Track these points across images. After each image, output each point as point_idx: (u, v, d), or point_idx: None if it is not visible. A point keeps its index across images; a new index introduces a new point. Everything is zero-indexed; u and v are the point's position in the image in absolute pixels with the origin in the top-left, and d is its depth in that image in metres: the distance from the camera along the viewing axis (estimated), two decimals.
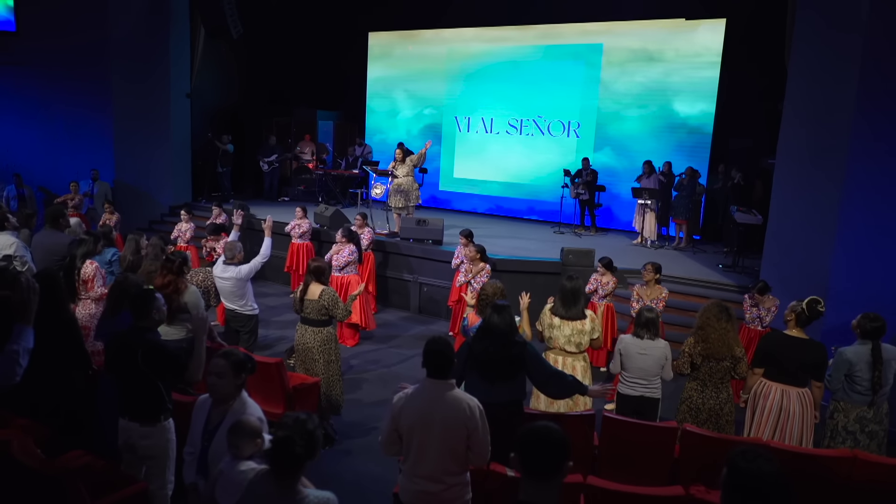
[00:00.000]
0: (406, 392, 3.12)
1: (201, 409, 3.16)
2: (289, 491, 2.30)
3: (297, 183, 14.63)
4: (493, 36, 13.61)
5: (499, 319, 3.75)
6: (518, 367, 3.74)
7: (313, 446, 2.34)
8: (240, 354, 3.09)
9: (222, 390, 3.01)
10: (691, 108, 11.81)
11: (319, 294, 5.39)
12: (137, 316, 3.59)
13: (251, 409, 3.05)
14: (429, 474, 3.00)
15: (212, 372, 3.02)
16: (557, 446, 2.04)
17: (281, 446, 2.26)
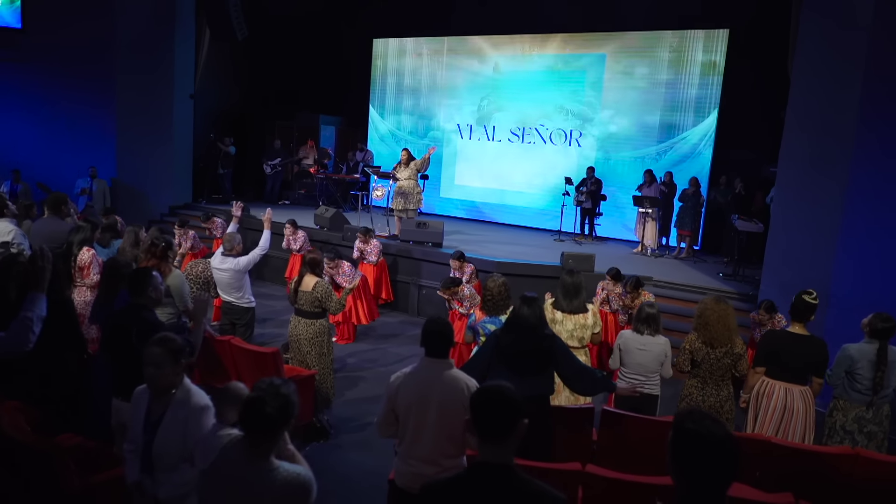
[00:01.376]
0: (403, 371, 3.08)
1: (140, 401, 2.92)
2: (260, 459, 2.17)
3: (299, 187, 14.64)
4: (497, 44, 13.68)
5: (528, 312, 3.69)
6: (548, 361, 3.68)
7: (287, 410, 2.18)
8: (176, 340, 2.88)
9: (162, 381, 2.80)
10: (693, 118, 11.84)
11: (313, 286, 5.35)
12: (133, 293, 3.56)
13: (197, 396, 2.86)
14: (425, 456, 2.95)
15: (147, 362, 2.79)
16: (509, 406, 1.99)
17: (250, 407, 2.14)
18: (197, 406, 2.81)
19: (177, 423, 2.79)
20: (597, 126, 12.80)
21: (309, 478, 2.24)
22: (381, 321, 8.94)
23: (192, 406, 2.81)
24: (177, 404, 2.81)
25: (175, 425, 2.78)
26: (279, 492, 2.15)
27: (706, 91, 11.67)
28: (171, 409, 2.81)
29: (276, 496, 2.13)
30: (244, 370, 5.12)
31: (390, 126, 15.28)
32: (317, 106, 15.23)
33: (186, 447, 2.76)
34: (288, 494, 2.15)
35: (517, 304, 3.82)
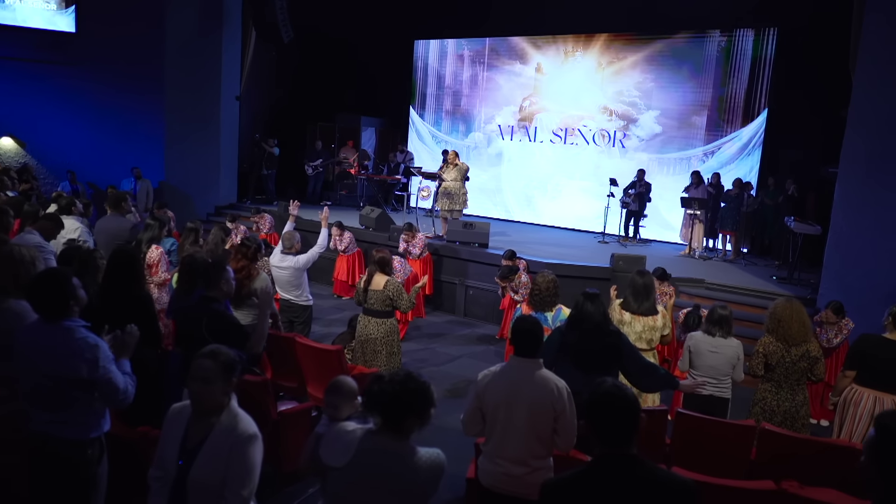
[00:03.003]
0: (492, 370, 3.05)
1: (176, 421, 2.49)
2: (403, 447, 2.24)
3: (340, 188, 14.76)
4: (540, 45, 13.62)
5: (592, 308, 3.66)
6: (613, 358, 3.64)
7: (426, 400, 2.29)
8: (229, 353, 2.48)
9: (209, 399, 2.38)
10: (741, 119, 11.62)
11: (384, 284, 5.37)
12: (206, 285, 3.60)
13: (245, 422, 2.43)
14: (513, 456, 2.92)
15: (195, 377, 2.39)
16: (631, 409, 1.99)
17: (395, 399, 2.21)
18: (244, 434, 2.39)
19: (220, 451, 2.36)
20: (641, 127, 12.65)
21: (443, 456, 2.33)
22: (427, 321, 8.97)
23: (238, 433, 2.38)
24: (221, 430, 2.39)
25: (217, 454, 2.36)
26: (426, 473, 2.23)
27: (755, 91, 11.45)
28: (215, 434, 2.39)
29: (425, 478, 2.22)
30: (309, 368, 5.16)
31: (431, 127, 15.30)
32: (358, 107, 15.34)
33: (227, 482, 2.35)
34: (433, 475, 2.25)
35: (580, 300, 3.79)
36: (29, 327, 2.94)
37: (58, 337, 2.83)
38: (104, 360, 2.86)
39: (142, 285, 4.26)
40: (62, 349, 2.82)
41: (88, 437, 2.93)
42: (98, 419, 2.97)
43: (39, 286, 2.87)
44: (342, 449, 2.30)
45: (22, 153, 12.77)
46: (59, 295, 2.85)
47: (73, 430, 2.89)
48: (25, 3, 12.12)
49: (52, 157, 12.63)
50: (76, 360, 2.81)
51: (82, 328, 2.90)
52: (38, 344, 2.85)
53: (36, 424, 2.92)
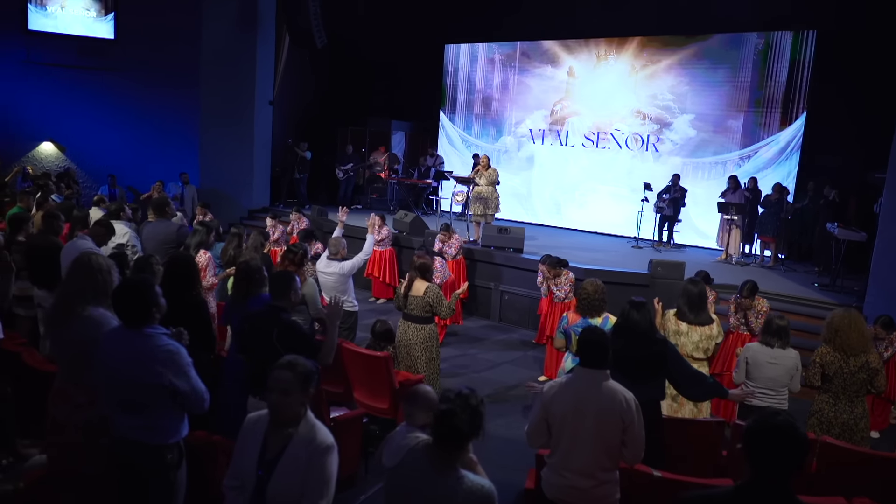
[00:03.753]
0: (558, 381, 3.03)
1: (253, 431, 2.52)
2: (446, 468, 2.20)
3: (370, 191, 14.82)
4: (572, 48, 13.55)
5: (638, 316, 3.63)
6: (660, 367, 3.61)
7: (477, 422, 2.24)
8: (306, 364, 2.51)
9: (287, 410, 2.42)
10: (779, 123, 11.44)
11: (424, 291, 5.37)
12: (276, 295, 3.63)
13: (322, 433, 2.46)
14: (580, 469, 2.89)
15: (274, 388, 2.41)
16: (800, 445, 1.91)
17: (443, 419, 2.17)
18: (322, 445, 2.42)
19: (298, 462, 2.40)
20: (675, 131, 12.52)
21: (492, 490, 2.24)
22: (463, 326, 8.95)
23: (316, 445, 2.42)
24: (299, 441, 2.41)
25: (296, 465, 2.40)
26: (462, 502, 2.15)
27: (793, 94, 11.27)
28: (293, 445, 2.42)
29: (457, 496, 2.16)
30: (355, 373, 5.17)
31: (461, 131, 15.31)
32: (388, 111, 15.39)
33: (305, 493, 2.39)
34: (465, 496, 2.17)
35: (626, 308, 3.76)
36: (111, 334, 2.99)
37: (140, 343, 2.88)
38: (185, 367, 2.91)
39: (198, 291, 4.31)
40: (144, 355, 2.86)
41: (168, 442, 2.97)
42: (177, 424, 3.01)
43: (123, 294, 2.91)
44: (394, 451, 2.32)
45: (62, 158, 13.03)
46: (142, 302, 2.90)
47: (153, 436, 2.93)
48: (67, 11, 12.37)
49: (90, 161, 12.87)
50: (157, 367, 2.85)
51: (163, 335, 2.94)
52: (120, 350, 2.90)
53: (118, 430, 2.97)
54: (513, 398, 6.45)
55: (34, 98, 12.43)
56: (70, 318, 3.43)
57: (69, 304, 3.43)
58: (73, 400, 3.30)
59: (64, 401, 3.34)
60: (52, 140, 12.90)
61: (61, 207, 7.08)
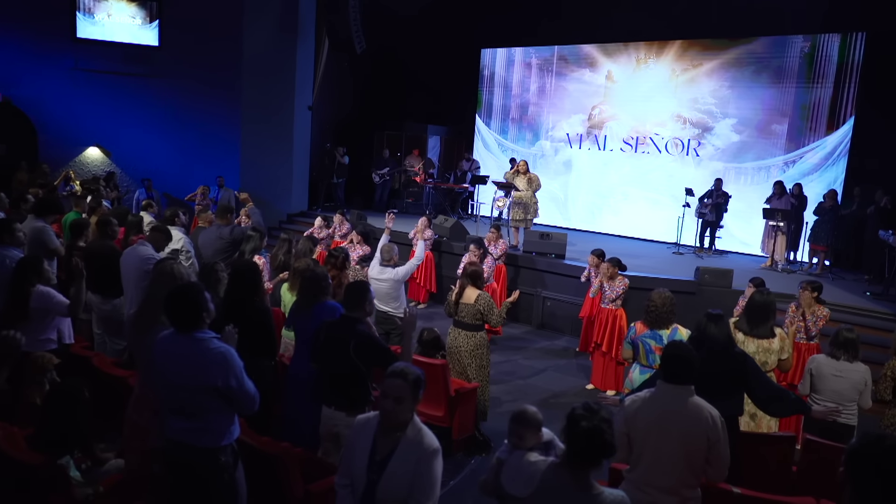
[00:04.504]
0: (640, 395, 2.99)
1: (363, 433, 2.64)
2: (584, 484, 2.23)
3: (406, 196, 14.87)
4: (610, 52, 13.45)
5: (716, 330, 3.57)
6: (739, 382, 3.54)
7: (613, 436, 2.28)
8: (415, 370, 2.61)
9: (400, 416, 2.52)
10: (825, 127, 11.21)
11: (476, 298, 5.37)
12: (351, 306, 3.65)
13: (429, 437, 2.57)
14: (664, 486, 2.85)
15: (388, 395, 2.51)
16: None
17: (592, 437, 2.19)
18: (430, 448, 2.52)
19: (407, 464, 2.51)
20: (717, 135, 12.34)
21: (627, 499, 2.30)
22: (505, 331, 8.90)
23: (424, 448, 2.52)
24: (407, 444, 2.53)
25: (405, 467, 2.51)
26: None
27: (841, 97, 11.03)
28: (401, 448, 2.52)
29: None
30: None
31: (497, 135, 15.28)
32: (424, 115, 15.44)
33: (412, 493, 2.50)
34: None
35: (703, 321, 3.69)
36: (164, 340, 3.03)
37: (191, 348, 2.93)
38: (236, 369, 2.94)
39: (262, 297, 4.37)
40: (196, 359, 2.91)
41: (220, 444, 3.00)
42: (229, 426, 3.04)
43: (174, 299, 2.96)
44: (525, 480, 2.31)
45: (107, 162, 13.30)
46: (193, 307, 2.94)
47: (206, 438, 2.97)
48: (113, 19, 12.63)
49: (133, 166, 13.12)
50: (209, 370, 2.89)
51: (213, 339, 2.98)
52: (172, 355, 2.95)
53: (172, 433, 3.01)
54: (563, 406, 6.37)
55: (81, 104, 12.71)
56: (153, 326, 3.50)
57: (152, 312, 3.50)
58: (154, 405, 3.36)
59: (145, 406, 3.40)
60: (98, 145, 13.18)
61: (115, 213, 7.23)
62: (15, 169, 11.13)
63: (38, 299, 4.30)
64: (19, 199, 6.36)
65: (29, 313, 4.30)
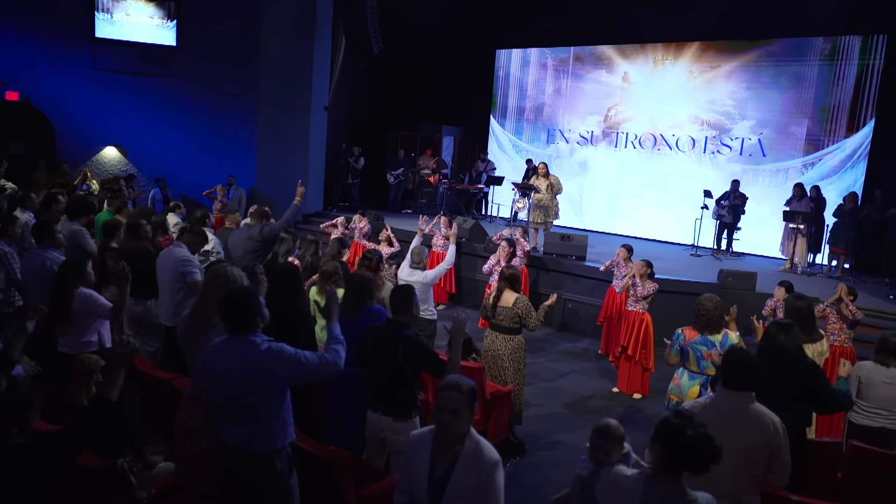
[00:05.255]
0: (699, 402, 2.99)
1: (419, 449, 2.56)
2: (681, 491, 2.26)
3: (420, 196, 14.87)
4: (627, 53, 13.43)
5: (786, 340, 3.56)
6: (810, 392, 3.52)
7: None
8: (470, 383, 2.52)
9: (458, 430, 2.45)
10: (845, 129, 11.17)
11: (514, 302, 5.36)
12: (397, 310, 3.64)
13: (489, 450, 2.49)
14: (726, 492, 2.82)
15: (445, 408, 2.42)
16: None
17: (701, 446, 2.22)
18: (491, 461, 2.46)
19: (468, 479, 2.45)
20: (735, 137, 12.31)
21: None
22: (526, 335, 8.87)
23: (485, 461, 2.46)
24: (467, 458, 2.45)
25: (467, 482, 2.45)
26: None
27: (861, 100, 10.99)
28: (461, 463, 2.45)
29: None
30: None
31: (511, 136, 15.27)
32: (439, 116, 15.43)
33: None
34: None
35: (771, 330, 3.67)
36: (218, 344, 3.02)
37: (246, 352, 2.90)
38: (295, 357, 2.90)
39: (303, 300, 4.37)
40: (251, 363, 2.88)
41: (276, 447, 2.99)
42: (285, 429, 3.02)
43: (229, 304, 2.95)
44: (626, 496, 2.31)
45: (124, 162, 13.32)
46: (247, 312, 2.94)
47: (262, 442, 2.95)
48: (131, 19, 12.66)
49: (150, 165, 13.13)
50: (264, 373, 2.88)
51: (266, 341, 2.97)
52: (226, 359, 2.94)
53: (227, 438, 3.01)
54: (594, 410, 6.39)
55: (99, 104, 12.73)
56: (206, 328, 3.50)
57: (206, 315, 3.51)
58: (205, 407, 3.36)
59: (196, 408, 3.40)
60: (115, 145, 13.20)
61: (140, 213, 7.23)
62: (33, 168, 11.16)
63: (81, 301, 4.31)
64: (51, 199, 6.36)
65: (71, 315, 4.31)
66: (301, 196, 6.27)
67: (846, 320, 5.78)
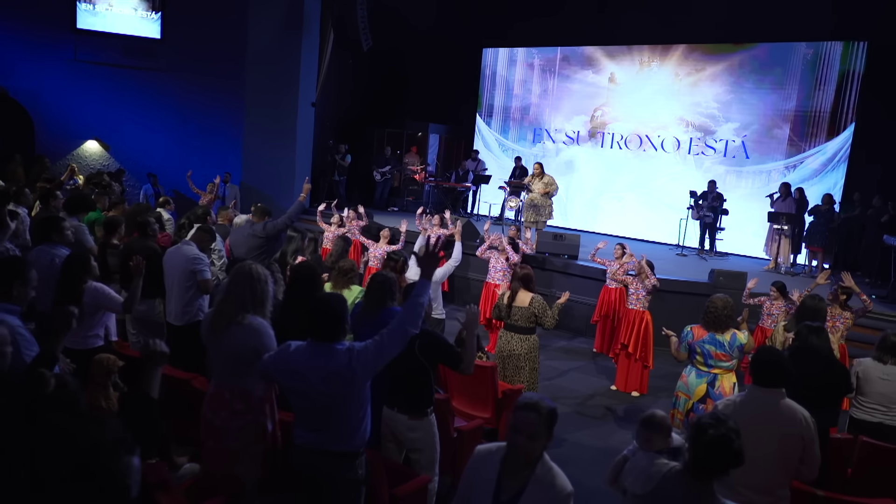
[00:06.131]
0: (733, 399, 3.07)
1: (485, 468, 2.41)
2: (705, 493, 2.24)
3: (407, 194, 14.85)
4: (614, 54, 13.58)
5: (818, 342, 3.67)
6: (838, 394, 3.63)
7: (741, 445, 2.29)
8: (550, 404, 2.33)
9: (533, 454, 2.29)
10: (826, 133, 11.47)
11: (530, 301, 5.42)
12: None
13: (561, 477, 2.34)
14: (759, 486, 2.92)
15: (520, 430, 2.25)
16: None
17: (721, 445, 2.20)
18: (564, 492, 2.31)
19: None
20: (719, 139, 12.55)
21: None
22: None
23: (557, 491, 2.31)
24: (537, 485, 2.29)
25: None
26: None
27: (842, 104, 11.30)
28: (531, 489, 2.30)
29: None
30: (455, 382, 5.20)
31: (497, 135, 15.33)
32: (425, 114, 15.42)
33: None
34: None
35: (802, 331, 3.78)
36: (301, 348, 2.97)
37: (330, 357, 2.87)
38: (374, 348, 2.85)
39: None
40: (336, 368, 2.84)
41: (354, 449, 2.99)
42: (364, 432, 3.03)
43: (321, 309, 2.92)
44: (644, 479, 2.34)
45: (106, 156, 13.04)
46: (338, 320, 2.92)
47: (341, 443, 2.95)
48: (114, 10, 12.39)
49: (133, 160, 12.88)
50: (350, 378, 2.85)
51: (347, 346, 2.94)
52: (310, 364, 2.89)
53: (302, 441, 3.00)
54: (595, 408, 6.48)
55: (80, 97, 12.45)
56: (229, 325, 3.47)
57: (230, 312, 3.47)
58: (230, 406, 3.33)
59: (221, 406, 3.37)
60: (96, 138, 12.92)
61: (139, 210, 7.11)
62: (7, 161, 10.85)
63: (92, 295, 4.23)
64: (48, 195, 6.21)
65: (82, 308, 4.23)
66: (307, 193, 6.20)
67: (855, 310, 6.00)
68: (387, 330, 2.87)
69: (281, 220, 6.02)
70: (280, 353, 3.03)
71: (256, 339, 3.27)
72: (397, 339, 2.85)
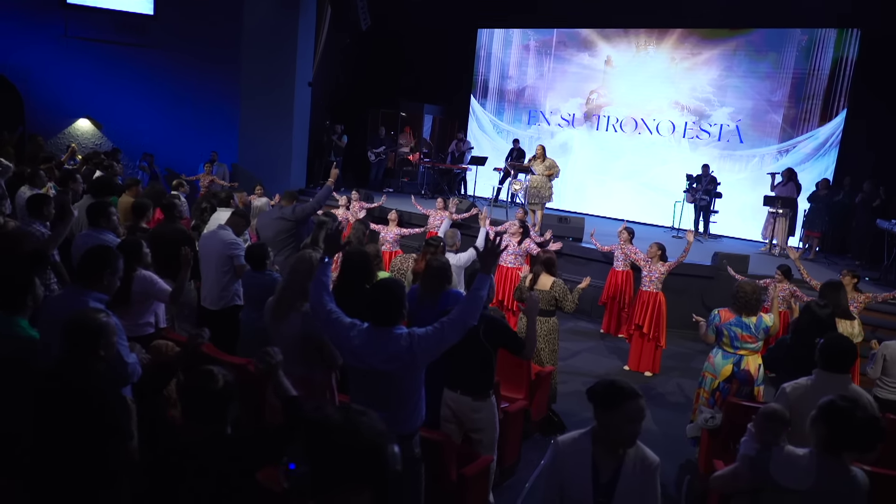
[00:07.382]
0: (801, 382, 3.22)
1: (576, 455, 2.53)
2: (845, 467, 2.50)
3: (401, 175, 14.83)
4: (610, 37, 13.65)
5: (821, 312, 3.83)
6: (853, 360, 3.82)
7: None
8: (635, 387, 2.49)
9: (636, 438, 2.47)
10: (819, 118, 11.74)
11: (551, 285, 5.53)
12: None
13: (650, 452, 2.52)
14: None
15: (636, 419, 2.41)
16: None
17: (871, 426, 2.44)
18: (654, 464, 2.50)
19: (635, 482, 2.48)
20: (713, 123, 12.76)
21: None
22: None
23: (648, 464, 2.49)
24: (631, 462, 2.48)
25: (633, 485, 2.47)
26: (862, 493, 2.50)
27: (834, 90, 11.56)
28: (627, 466, 2.48)
29: (862, 496, 2.49)
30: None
31: (492, 116, 15.35)
32: (420, 94, 15.35)
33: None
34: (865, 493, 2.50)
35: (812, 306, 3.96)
36: (362, 331, 3.02)
37: (389, 341, 2.92)
38: (434, 335, 2.92)
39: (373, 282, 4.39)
40: (397, 353, 2.90)
41: (411, 430, 3.08)
42: (420, 414, 3.11)
43: (381, 294, 2.99)
44: (803, 474, 2.51)
45: (98, 135, 12.77)
46: (398, 305, 2.99)
47: (397, 426, 3.02)
48: None
49: (126, 139, 12.61)
50: (411, 362, 2.92)
51: (407, 331, 3.01)
52: (371, 348, 2.96)
53: None
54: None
55: (71, 74, 12.13)
56: (289, 312, 3.52)
57: (291, 299, 3.52)
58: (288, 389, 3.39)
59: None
60: (88, 117, 12.63)
61: (153, 192, 7.04)
62: None
63: (141, 283, 4.23)
64: (68, 177, 6.11)
65: (131, 297, 4.23)
66: (334, 178, 6.20)
67: None
68: (447, 319, 2.97)
69: (310, 204, 6.03)
70: (342, 334, 3.03)
71: (315, 326, 3.32)
72: (457, 329, 2.96)
